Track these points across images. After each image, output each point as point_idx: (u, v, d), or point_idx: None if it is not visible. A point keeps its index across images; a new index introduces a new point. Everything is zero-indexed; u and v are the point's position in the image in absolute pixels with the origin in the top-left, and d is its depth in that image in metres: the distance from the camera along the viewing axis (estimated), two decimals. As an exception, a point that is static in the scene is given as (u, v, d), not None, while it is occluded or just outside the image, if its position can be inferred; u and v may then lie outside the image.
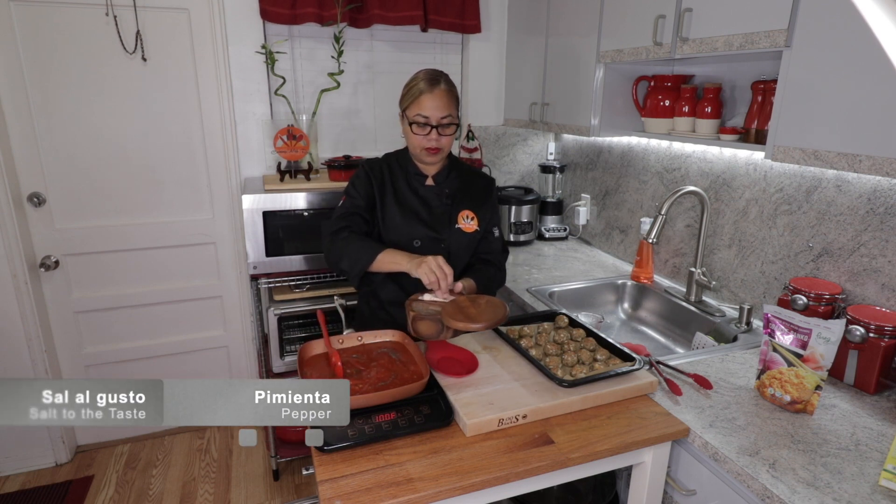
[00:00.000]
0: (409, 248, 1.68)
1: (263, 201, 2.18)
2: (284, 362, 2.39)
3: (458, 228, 1.71)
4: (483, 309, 1.43)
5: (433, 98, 1.57)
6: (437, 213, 1.71)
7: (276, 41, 2.52)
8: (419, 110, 1.58)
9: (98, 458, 2.67)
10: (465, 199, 1.74)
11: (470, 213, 1.73)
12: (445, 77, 1.63)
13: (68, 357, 2.60)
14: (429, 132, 1.59)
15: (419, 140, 1.61)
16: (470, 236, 1.73)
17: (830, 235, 1.61)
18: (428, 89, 1.58)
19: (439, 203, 1.71)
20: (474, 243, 1.76)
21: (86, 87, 2.34)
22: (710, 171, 2.02)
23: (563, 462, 1.15)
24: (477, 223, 1.74)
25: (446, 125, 1.60)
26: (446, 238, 1.70)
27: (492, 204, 1.80)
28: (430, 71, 1.62)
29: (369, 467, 1.11)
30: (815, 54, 1.30)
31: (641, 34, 1.82)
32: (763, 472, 1.10)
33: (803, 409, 1.30)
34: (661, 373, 1.47)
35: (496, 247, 1.81)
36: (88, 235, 2.50)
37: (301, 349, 1.43)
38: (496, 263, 1.80)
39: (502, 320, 1.41)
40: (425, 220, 1.69)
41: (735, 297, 1.95)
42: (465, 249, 1.74)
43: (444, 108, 1.58)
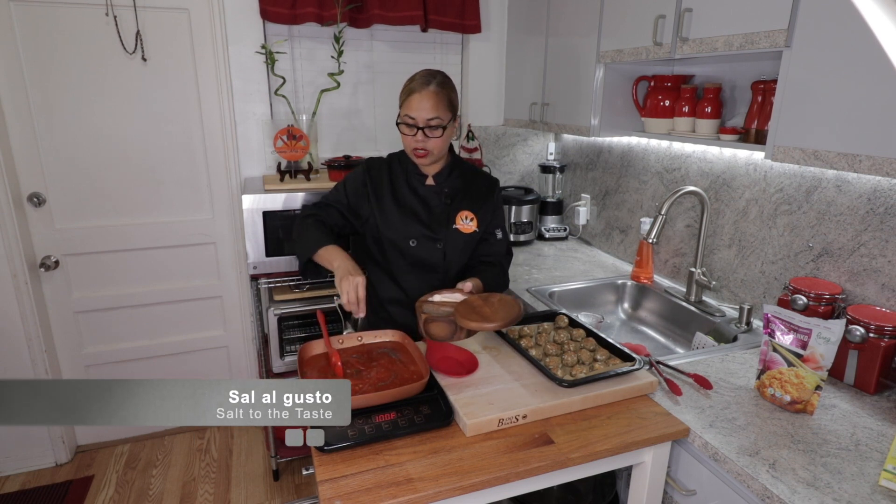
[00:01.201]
0: (406, 246, 1.68)
1: (263, 201, 2.19)
2: (284, 362, 2.39)
3: (456, 229, 1.70)
4: (497, 308, 1.42)
5: (421, 99, 1.55)
6: (435, 212, 1.70)
7: (276, 41, 2.52)
8: (407, 110, 1.57)
9: (98, 458, 2.67)
10: (466, 200, 1.73)
11: (469, 213, 1.72)
12: (440, 78, 1.60)
13: (68, 357, 2.61)
14: (415, 133, 1.58)
15: (408, 140, 1.61)
16: (468, 237, 1.72)
17: (830, 235, 1.61)
18: (417, 90, 1.56)
19: (438, 202, 1.71)
20: (472, 244, 1.74)
21: (86, 87, 2.34)
22: (710, 171, 2.02)
23: (564, 462, 1.15)
24: (476, 224, 1.73)
25: (433, 127, 1.57)
26: (443, 238, 1.69)
27: (494, 205, 1.77)
28: (425, 71, 1.61)
29: (369, 467, 1.11)
30: (815, 54, 1.30)
31: (641, 34, 1.82)
32: (763, 472, 1.10)
33: (803, 409, 1.30)
34: (661, 373, 1.47)
35: (498, 249, 1.78)
36: (88, 235, 2.50)
37: (301, 349, 1.43)
38: (498, 265, 1.77)
39: (517, 319, 1.39)
40: (423, 219, 1.69)
41: (735, 297, 1.95)
42: (462, 250, 1.73)
43: (430, 110, 1.56)
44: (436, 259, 1.70)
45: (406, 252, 1.68)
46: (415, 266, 1.70)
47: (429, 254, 1.69)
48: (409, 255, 1.69)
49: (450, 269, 1.72)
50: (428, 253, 1.69)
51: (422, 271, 1.70)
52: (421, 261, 1.69)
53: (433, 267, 1.70)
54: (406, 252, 1.68)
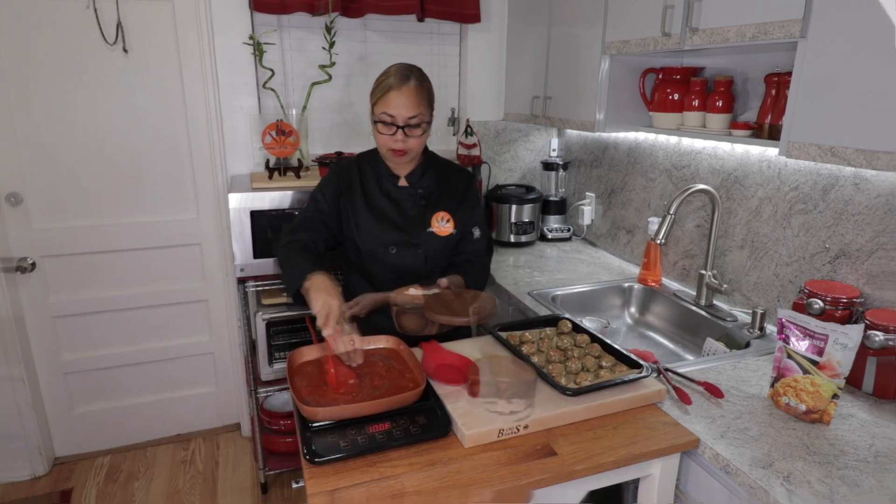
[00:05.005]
0: (385, 254, 1.67)
1: (251, 200, 2.18)
2: (273, 370, 2.39)
3: (431, 232, 1.69)
4: (468, 302, 1.43)
5: (400, 96, 1.54)
6: (410, 215, 1.69)
7: (264, 32, 2.51)
8: (385, 108, 1.56)
9: (77, 470, 2.66)
10: (442, 200, 1.72)
11: (445, 214, 1.71)
12: (418, 73, 1.59)
13: (46, 364, 2.59)
14: (394, 132, 1.56)
15: (384, 140, 1.59)
16: (444, 240, 1.71)
17: (848, 236, 1.61)
18: (396, 85, 1.55)
19: (413, 205, 1.69)
20: (451, 245, 1.74)
21: (64, 80, 2.33)
22: (722, 168, 2.02)
23: (567, 475, 1.15)
24: (453, 225, 1.71)
25: (414, 125, 1.56)
26: (421, 242, 1.68)
27: (471, 203, 1.76)
28: (401, 66, 1.59)
29: (362, 480, 1.10)
30: (831, 45, 1.30)
31: (649, 24, 1.82)
32: (777, 485, 1.10)
33: (819, 418, 1.30)
34: (669, 381, 1.47)
35: (478, 247, 1.79)
36: (67, 236, 2.49)
37: (290, 356, 1.43)
38: (479, 262, 1.78)
39: (491, 314, 1.40)
40: (398, 224, 1.68)
41: (747, 300, 1.95)
42: (441, 253, 1.72)
43: (412, 108, 1.54)
44: (418, 265, 1.69)
45: (387, 260, 1.68)
46: (396, 274, 1.69)
47: (410, 261, 1.69)
48: (390, 264, 1.68)
49: (432, 275, 1.71)
50: (409, 260, 1.68)
51: (404, 279, 1.69)
52: (403, 268, 1.69)
53: (415, 273, 1.70)
54: (387, 260, 1.68)
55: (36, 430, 2.55)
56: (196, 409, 2.92)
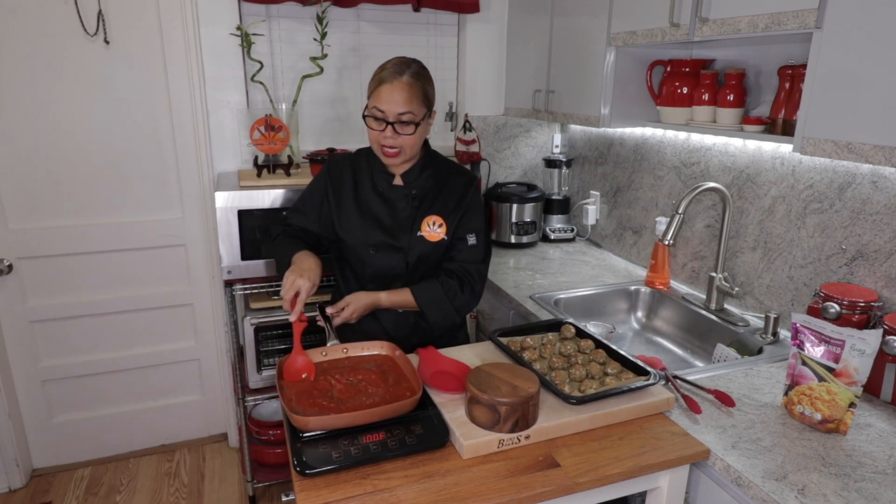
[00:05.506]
0: (366, 254, 1.67)
1: (239, 199, 2.17)
2: (262, 377, 2.38)
3: (421, 236, 1.67)
4: None
5: (392, 90, 1.53)
6: (400, 217, 1.68)
7: (252, 22, 2.51)
8: (377, 102, 1.55)
9: (56, 482, 2.65)
10: (437, 203, 1.69)
11: (438, 218, 1.68)
12: (416, 68, 1.58)
13: (23, 371, 2.59)
14: (384, 128, 1.56)
15: (375, 136, 1.59)
16: (434, 245, 1.68)
17: (865, 236, 1.61)
18: (388, 79, 1.54)
19: (404, 206, 1.68)
20: (440, 251, 1.70)
21: (41, 72, 2.32)
22: (733, 165, 2.02)
23: (570, 487, 1.15)
24: (445, 231, 1.68)
25: (405, 123, 1.55)
26: (405, 246, 1.66)
27: (469, 207, 1.70)
28: (399, 59, 1.59)
29: (355, 493, 1.10)
30: (848, 36, 1.30)
31: (656, 14, 1.82)
32: (791, 497, 1.10)
33: (835, 428, 1.30)
34: (678, 388, 1.47)
35: (468, 256, 1.69)
36: (45, 237, 2.48)
37: (280, 362, 1.43)
38: (461, 279, 1.68)
39: None
40: (385, 225, 1.67)
41: (760, 304, 1.95)
42: (428, 259, 1.69)
43: (403, 104, 1.53)
44: (398, 270, 1.68)
45: (367, 260, 1.68)
46: (377, 276, 1.69)
47: (390, 264, 1.68)
48: (369, 264, 1.68)
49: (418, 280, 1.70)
50: (389, 263, 1.68)
51: (384, 282, 1.69)
52: (382, 271, 1.69)
53: (396, 278, 1.69)
54: (367, 260, 1.68)
55: (12, 441, 2.54)
56: (181, 419, 2.91)
